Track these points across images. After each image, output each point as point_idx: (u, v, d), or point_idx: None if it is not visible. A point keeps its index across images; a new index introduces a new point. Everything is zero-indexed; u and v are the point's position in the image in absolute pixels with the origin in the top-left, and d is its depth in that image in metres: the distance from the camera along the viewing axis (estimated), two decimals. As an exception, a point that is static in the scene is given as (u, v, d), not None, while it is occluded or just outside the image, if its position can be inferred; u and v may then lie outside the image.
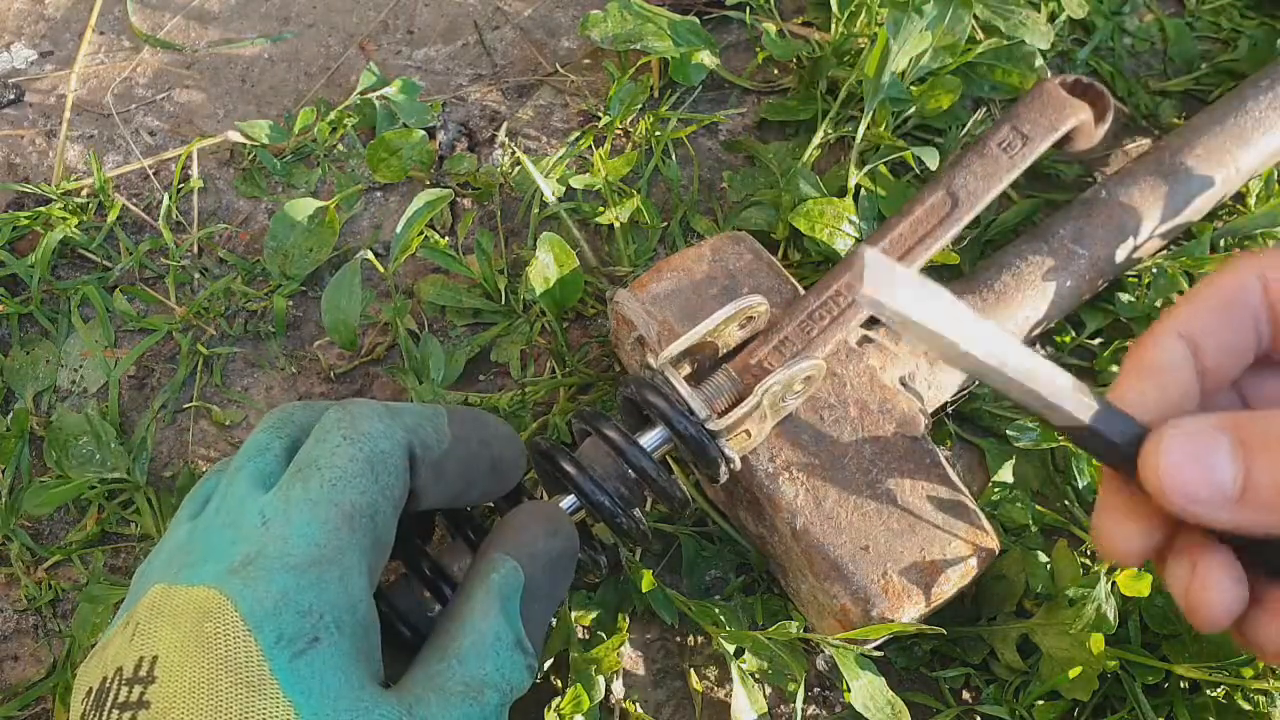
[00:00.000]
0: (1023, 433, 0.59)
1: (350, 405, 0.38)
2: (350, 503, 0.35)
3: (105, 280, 0.69)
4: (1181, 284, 0.63)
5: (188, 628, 0.32)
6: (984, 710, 0.55)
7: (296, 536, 0.34)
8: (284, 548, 0.34)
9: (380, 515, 0.35)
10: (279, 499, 0.35)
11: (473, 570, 0.39)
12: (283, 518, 0.34)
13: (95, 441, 0.63)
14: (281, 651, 0.32)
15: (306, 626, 0.32)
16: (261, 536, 0.34)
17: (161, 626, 0.33)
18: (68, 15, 0.82)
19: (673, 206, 0.71)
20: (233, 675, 0.31)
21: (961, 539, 0.51)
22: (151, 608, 0.34)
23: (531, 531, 0.40)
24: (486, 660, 0.36)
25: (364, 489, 0.35)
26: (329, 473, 0.35)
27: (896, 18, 0.65)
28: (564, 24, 0.81)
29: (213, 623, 0.32)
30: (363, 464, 0.35)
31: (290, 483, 0.35)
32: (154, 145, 0.76)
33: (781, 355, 0.53)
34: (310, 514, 0.34)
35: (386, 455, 0.36)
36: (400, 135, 0.72)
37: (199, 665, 0.31)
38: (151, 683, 0.32)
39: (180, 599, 0.33)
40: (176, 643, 0.32)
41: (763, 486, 0.52)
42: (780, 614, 0.57)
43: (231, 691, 0.31)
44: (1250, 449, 0.27)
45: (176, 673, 0.32)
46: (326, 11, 0.82)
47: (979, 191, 0.58)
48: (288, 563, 0.33)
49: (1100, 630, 0.51)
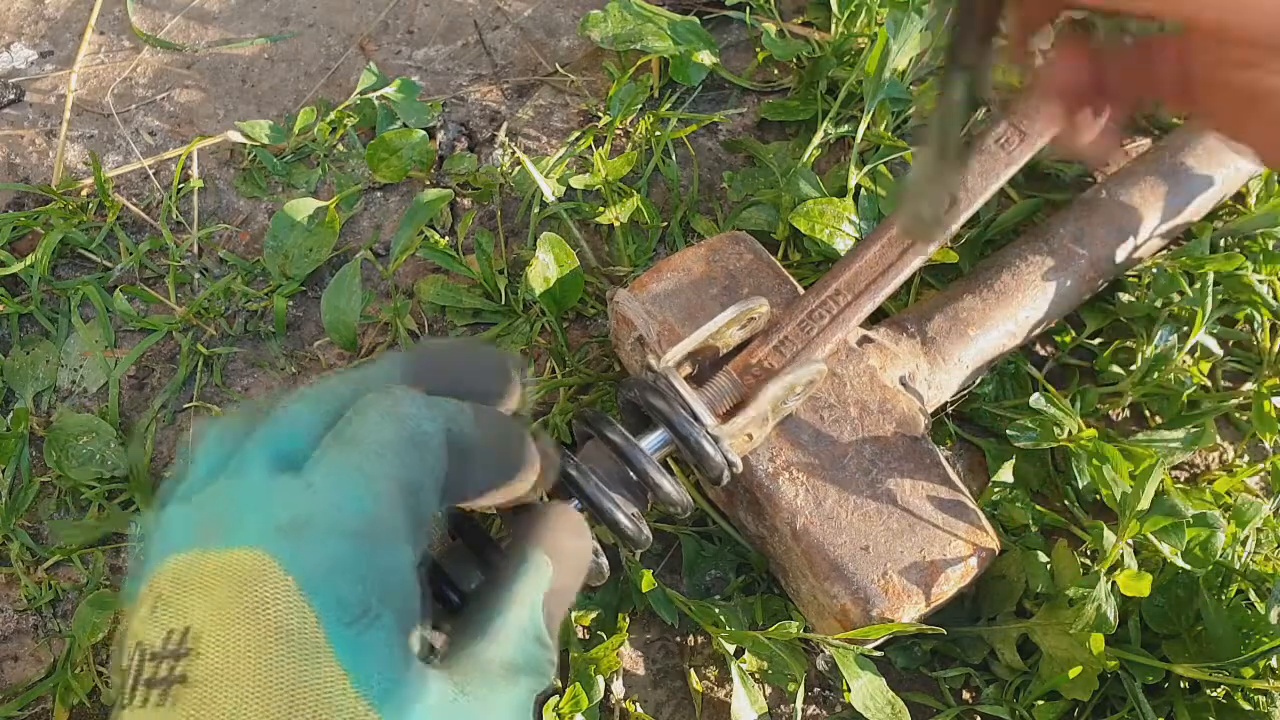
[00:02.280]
0: (1023, 433, 0.59)
1: (389, 389, 0.37)
2: (398, 476, 0.34)
3: (105, 280, 0.69)
4: (1181, 284, 0.63)
5: (226, 594, 0.31)
6: (984, 710, 0.55)
7: (349, 503, 0.32)
8: (337, 514, 0.32)
9: (424, 492, 0.35)
10: (326, 465, 0.34)
11: (511, 558, 0.39)
12: (332, 484, 0.33)
13: (95, 441, 0.63)
14: (337, 619, 0.30)
15: (360, 595, 0.31)
16: (310, 501, 0.32)
17: (191, 596, 0.31)
18: (68, 15, 0.82)
19: (673, 206, 0.71)
20: (285, 642, 0.30)
21: (961, 539, 0.51)
22: (175, 579, 0.32)
23: (562, 531, 0.40)
24: (519, 649, 0.36)
25: (409, 464, 0.34)
26: (374, 446, 0.34)
27: (896, 18, 0.65)
28: (564, 24, 0.81)
29: (259, 587, 0.30)
30: (406, 441, 0.35)
31: (335, 451, 0.34)
32: (154, 145, 0.76)
33: (781, 355, 0.53)
34: (362, 482, 0.33)
35: (428, 436, 0.35)
36: (400, 135, 0.72)
37: (246, 633, 0.30)
38: (185, 656, 0.30)
39: (212, 564, 0.32)
40: (214, 612, 0.31)
41: (763, 486, 0.52)
42: (780, 614, 0.57)
43: (285, 660, 0.30)
44: None
45: (218, 643, 0.30)
46: (326, 11, 0.82)
47: (977, 188, 0.58)
48: (342, 529, 0.32)
49: (1100, 630, 0.51)
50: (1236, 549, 0.55)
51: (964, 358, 0.59)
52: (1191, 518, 0.53)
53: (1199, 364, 0.63)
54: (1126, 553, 0.53)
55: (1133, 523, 0.53)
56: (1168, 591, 0.54)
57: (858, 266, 0.56)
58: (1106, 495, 0.56)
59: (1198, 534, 0.54)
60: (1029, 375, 0.64)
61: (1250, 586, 0.53)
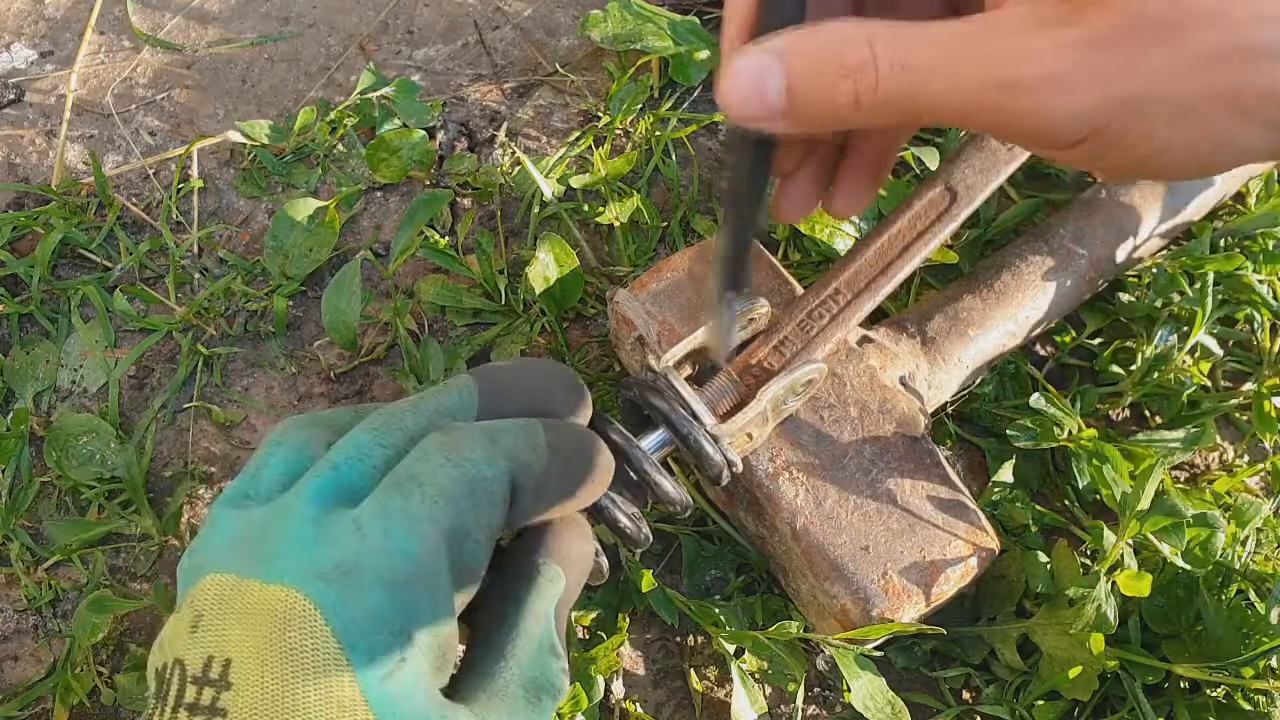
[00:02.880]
0: (1023, 433, 0.59)
1: (453, 429, 0.36)
2: (449, 523, 0.34)
3: (105, 280, 0.69)
4: (1181, 284, 0.63)
5: (265, 632, 0.31)
6: (984, 710, 0.55)
7: (396, 551, 0.32)
8: (384, 561, 0.32)
9: (472, 541, 0.34)
10: (376, 508, 0.33)
11: (520, 573, 0.39)
12: (380, 529, 0.33)
13: (95, 441, 0.63)
14: (373, 671, 0.31)
15: (397, 646, 0.32)
16: (358, 545, 0.32)
17: (231, 624, 0.31)
18: (68, 15, 0.82)
19: (673, 206, 0.71)
20: (321, 691, 0.30)
21: (961, 539, 0.51)
22: (218, 600, 0.32)
23: (571, 539, 0.40)
24: (538, 665, 0.36)
25: (462, 511, 0.34)
26: (430, 490, 0.34)
27: (896, 18, 0.65)
28: (564, 24, 0.81)
29: (298, 632, 0.31)
30: (464, 486, 0.34)
31: (388, 494, 0.34)
32: (154, 145, 0.76)
33: (781, 355, 0.53)
34: (410, 529, 0.33)
35: (489, 481, 0.35)
36: (400, 135, 0.72)
37: (282, 675, 0.30)
38: (226, 689, 0.30)
39: (253, 597, 0.32)
40: (253, 648, 0.31)
41: (763, 486, 0.52)
42: (780, 614, 0.57)
43: (319, 708, 0.30)
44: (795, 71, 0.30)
45: (255, 682, 0.30)
46: (326, 11, 0.82)
47: (978, 185, 0.58)
48: (386, 578, 0.32)
49: (1100, 630, 0.51)
50: (1236, 549, 0.55)
51: (964, 358, 0.59)
52: (1191, 518, 0.53)
53: (1199, 364, 0.63)
54: (1126, 553, 0.53)
55: (1133, 523, 0.53)
56: (1168, 591, 0.54)
57: (857, 266, 0.56)
58: (1106, 495, 0.56)
59: (1198, 534, 0.54)
60: (1029, 375, 0.64)
61: (1250, 586, 0.53)
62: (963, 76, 0.28)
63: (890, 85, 0.29)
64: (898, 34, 0.29)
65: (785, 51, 0.30)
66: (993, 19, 0.28)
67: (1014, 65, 0.27)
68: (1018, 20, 0.28)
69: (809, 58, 0.30)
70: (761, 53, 0.30)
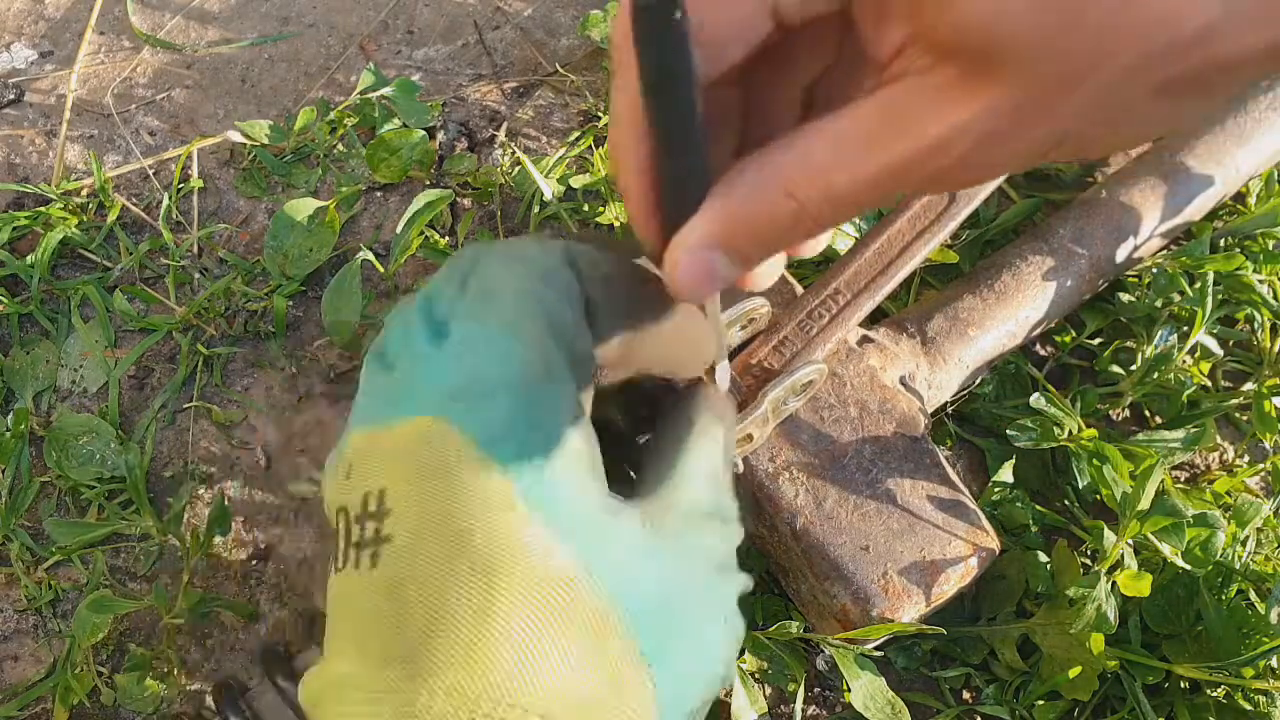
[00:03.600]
0: (1023, 433, 0.59)
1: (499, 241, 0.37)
2: (541, 315, 0.34)
3: (105, 280, 0.69)
4: (1181, 284, 0.63)
5: (409, 457, 0.32)
6: (984, 710, 0.55)
7: (505, 356, 0.33)
8: (497, 369, 0.33)
9: (569, 325, 0.35)
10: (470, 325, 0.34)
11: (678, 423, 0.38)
12: (483, 340, 0.33)
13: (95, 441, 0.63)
14: (520, 467, 0.31)
15: (539, 444, 0.32)
16: (471, 362, 0.33)
17: (377, 463, 0.33)
18: (68, 15, 0.82)
19: (673, 206, 0.71)
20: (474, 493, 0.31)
21: (961, 539, 0.51)
22: (363, 449, 0.33)
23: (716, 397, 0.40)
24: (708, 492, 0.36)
25: (546, 301, 0.34)
26: (509, 294, 0.34)
27: (896, 17, 0.65)
28: (564, 24, 0.81)
29: (442, 448, 0.32)
30: (536, 279, 0.35)
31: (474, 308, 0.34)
32: (154, 145, 0.76)
33: (781, 355, 0.53)
34: (511, 333, 0.33)
35: (554, 269, 0.35)
36: (400, 135, 0.72)
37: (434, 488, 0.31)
38: (387, 516, 0.32)
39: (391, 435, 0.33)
40: (401, 473, 0.32)
41: (763, 486, 0.52)
42: (780, 614, 0.57)
43: (477, 509, 0.31)
44: (740, 252, 0.31)
45: (412, 500, 0.31)
46: (326, 11, 0.82)
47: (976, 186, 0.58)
48: (506, 384, 0.32)
49: (1100, 630, 0.51)
50: (1236, 549, 0.55)
51: (964, 358, 0.59)
52: (1192, 518, 0.53)
53: (1199, 364, 0.63)
54: (1127, 553, 0.53)
55: (1133, 523, 0.53)
56: (1168, 591, 0.54)
57: (857, 265, 0.56)
58: (1107, 495, 0.56)
59: (1198, 534, 0.53)
60: (1029, 375, 0.64)
61: (1250, 586, 0.53)
62: (890, 179, 0.28)
63: (827, 214, 0.29)
64: (809, 165, 0.29)
65: (718, 240, 0.31)
66: (889, 107, 0.28)
67: (937, 154, 0.27)
68: (917, 105, 0.27)
69: (743, 236, 0.31)
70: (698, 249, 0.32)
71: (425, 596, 0.31)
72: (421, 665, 0.30)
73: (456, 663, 0.30)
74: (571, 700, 0.30)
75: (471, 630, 0.30)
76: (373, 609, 0.31)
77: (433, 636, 0.30)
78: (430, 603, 0.31)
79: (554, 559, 0.31)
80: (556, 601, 0.30)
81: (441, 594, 0.31)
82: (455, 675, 0.29)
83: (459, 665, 0.30)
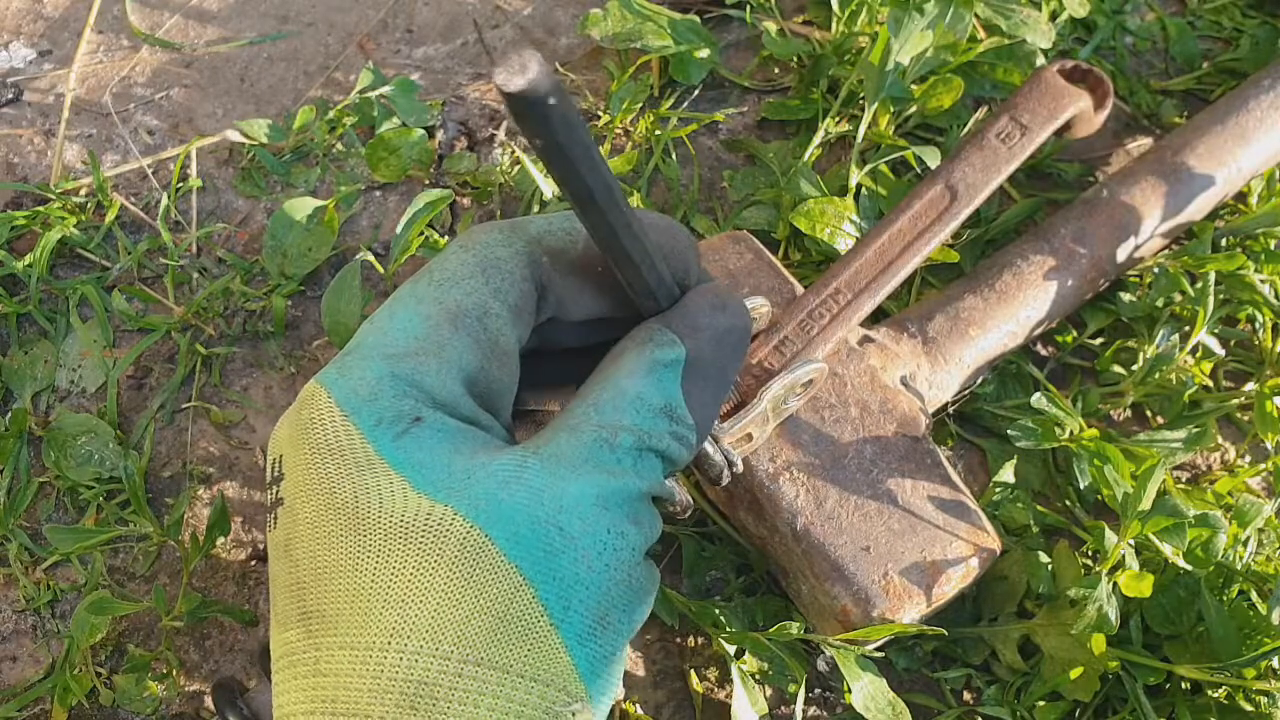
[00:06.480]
0: (1024, 433, 0.59)
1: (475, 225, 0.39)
2: (456, 302, 0.35)
3: (104, 280, 0.69)
4: (1183, 284, 0.63)
5: (292, 420, 0.34)
6: (985, 711, 0.55)
7: (396, 329, 0.35)
8: (381, 339, 0.35)
9: (491, 317, 0.35)
10: (388, 301, 0.36)
11: (623, 340, 0.37)
12: (386, 314, 0.35)
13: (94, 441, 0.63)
14: (384, 432, 0.33)
15: (406, 408, 0.33)
16: (362, 332, 0.35)
17: (280, 426, 0.35)
18: (66, 14, 0.82)
19: (673, 206, 0.70)
20: (338, 459, 0.33)
21: (962, 539, 0.51)
22: (283, 416, 0.36)
23: (696, 306, 0.38)
24: (624, 414, 0.34)
25: (471, 290, 0.35)
26: (437, 275, 0.36)
27: (897, 16, 0.64)
28: (564, 23, 0.81)
29: (308, 411, 0.34)
30: (473, 267, 0.36)
31: (406, 288, 0.36)
32: (152, 144, 0.76)
33: (782, 355, 0.53)
34: (413, 310, 0.35)
35: (501, 261, 0.36)
36: (399, 134, 0.72)
37: (307, 455, 0.33)
38: (281, 480, 0.34)
39: (296, 403, 0.35)
40: (288, 437, 0.34)
41: (763, 487, 0.52)
42: (781, 615, 0.57)
43: (341, 474, 0.32)
44: None
45: (292, 465, 0.34)
46: (326, 10, 0.82)
47: (978, 184, 0.58)
48: (384, 352, 0.34)
49: (1101, 631, 0.50)
50: (1238, 549, 0.55)
51: (965, 357, 0.59)
52: (1193, 518, 0.53)
53: (1200, 364, 0.63)
54: (1128, 553, 0.53)
55: (1134, 523, 0.52)
56: (1169, 592, 0.53)
57: (858, 265, 0.56)
58: (1108, 495, 0.56)
59: (1199, 534, 0.53)
60: (1030, 375, 0.64)
61: (1252, 587, 0.53)
62: None
63: None
64: None
65: None
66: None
67: None
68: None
69: None
70: None
71: (309, 555, 0.32)
72: (313, 624, 0.32)
73: (344, 616, 0.31)
74: (460, 633, 0.30)
75: (348, 582, 0.31)
76: (277, 571, 0.34)
77: (319, 593, 0.32)
78: (312, 561, 0.32)
79: (417, 505, 0.31)
80: (423, 544, 0.31)
81: (320, 552, 0.32)
82: (345, 630, 0.31)
83: (345, 619, 0.31)
